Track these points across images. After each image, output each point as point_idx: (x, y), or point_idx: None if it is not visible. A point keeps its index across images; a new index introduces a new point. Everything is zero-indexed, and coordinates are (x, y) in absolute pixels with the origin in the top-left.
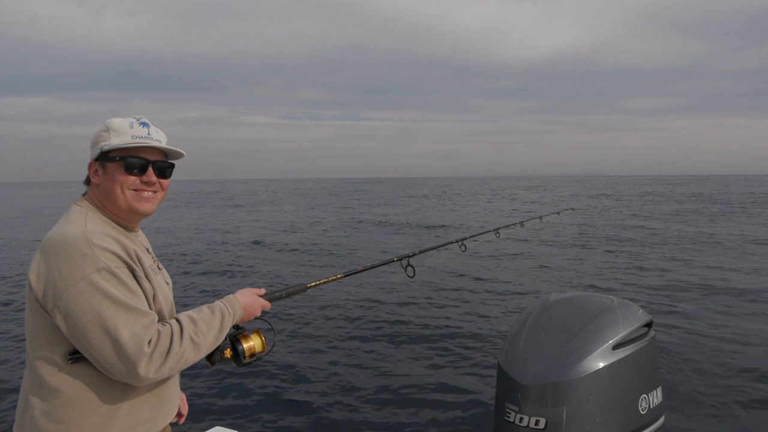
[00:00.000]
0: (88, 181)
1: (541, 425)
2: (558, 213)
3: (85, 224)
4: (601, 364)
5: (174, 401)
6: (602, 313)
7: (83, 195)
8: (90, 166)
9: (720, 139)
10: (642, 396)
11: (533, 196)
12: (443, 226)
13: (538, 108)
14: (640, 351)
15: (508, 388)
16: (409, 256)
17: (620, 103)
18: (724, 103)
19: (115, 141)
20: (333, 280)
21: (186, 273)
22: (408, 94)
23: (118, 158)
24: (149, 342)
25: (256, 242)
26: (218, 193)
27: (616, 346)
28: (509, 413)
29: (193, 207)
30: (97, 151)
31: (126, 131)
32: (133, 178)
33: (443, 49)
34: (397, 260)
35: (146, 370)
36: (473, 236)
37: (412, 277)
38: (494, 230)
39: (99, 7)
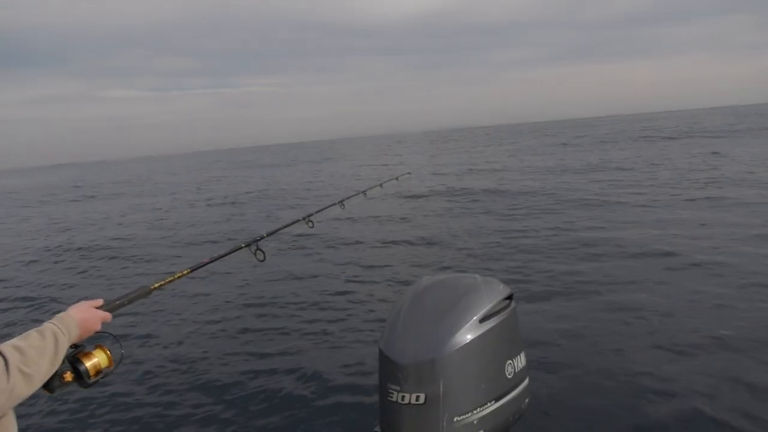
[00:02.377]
0: None
1: (422, 400)
2: (397, 178)
3: None
4: (470, 337)
5: None
6: (468, 291)
7: None
8: None
9: (574, 85)
10: (508, 362)
11: (398, 154)
12: (305, 197)
13: (411, 65)
14: (504, 321)
15: (389, 370)
16: (258, 240)
17: (485, 57)
18: (577, 52)
19: None
20: (179, 277)
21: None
22: (282, 58)
23: None
24: None
25: (87, 245)
26: (62, 183)
27: (482, 320)
28: (392, 393)
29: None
30: None
31: None
32: None
33: (314, 9)
34: (245, 246)
35: None
36: (319, 211)
37: (263, 260)
38: (339, 202)
39: None
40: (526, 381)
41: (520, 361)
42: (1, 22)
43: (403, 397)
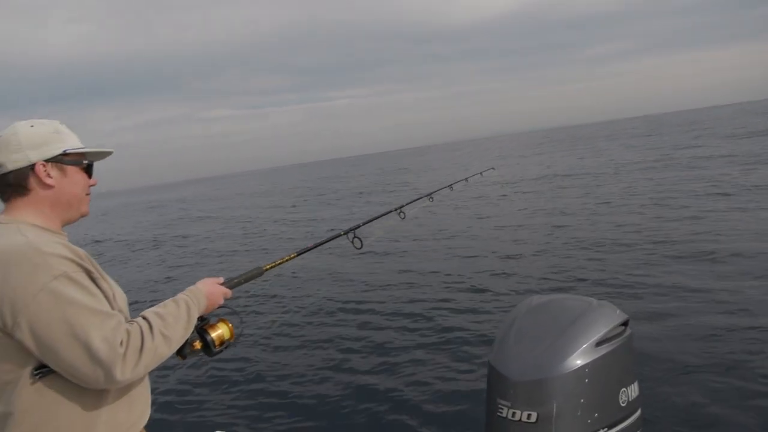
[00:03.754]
0: (9, 190)
1: (533, 419)
2: (481, 173)
3: (23, 235)
4: (585, 361)
5: (146, 400)
6: (583, 314)
7: (1, 212)
8: (38, 167)
9: (677, 75)
10: (622, 390)
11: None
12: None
13: (499, 67)
14: (618, 348)
15: (499, 385)
16: (355, 229)
17: (576, 54)
18: (677, 39)
19: (72, 143)
20: (287, 260)
21: (138, 270)
22: (368, 69)
23: (83, 161)
24: (121, 343)
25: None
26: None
27: (596, 344)
28: (501, 409)
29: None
30: (56, 152)
31: (71, 134)
32: (90, 180)
33: (395, 19)
34: (344, 233)
35: (122, 371)
36: (409, 203)
37: (360, 248)
38: (428, 195)
39: (41, 17)
40: (639, 411)
41: (634, 390)
42: (117, 56)
43: (513, 413)
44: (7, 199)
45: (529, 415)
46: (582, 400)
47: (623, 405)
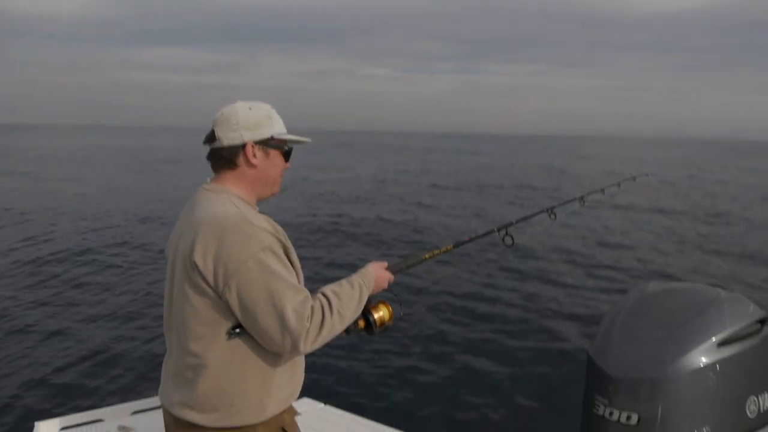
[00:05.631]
0: (221, 162)
1: (633, 421)
2: (634, 179)
3: (237, 207)
4: (705, 361)
5: (303, 373)
6: (708, 306)
7: (212, 180)
8: (248, 147)
9: None
10: (751, 398)
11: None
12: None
13: (675, 64)
14: (751, 349)
15: (599, 380)
16: (507, 226)
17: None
18: None
19: (278, 128)
20: (444, 251)
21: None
22: (527, 47)
23: (284, 147)
24: (307, 317)
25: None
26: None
27: (722, 343)
28: (598, 406)
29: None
30: (265, 135)
31: (279, 120)
32: (286, 165)
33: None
34: (498, 230)
35: (305, 342)
36: (561, 204)
37: (511, 245)
38: (579, 198)
39: None
40: None
41: (767, 399)
42: (295, 5)
43: (611, 412)
44: (218, 170)
45: (629, 417)
46: (696, 405)
47: (751, 416)
